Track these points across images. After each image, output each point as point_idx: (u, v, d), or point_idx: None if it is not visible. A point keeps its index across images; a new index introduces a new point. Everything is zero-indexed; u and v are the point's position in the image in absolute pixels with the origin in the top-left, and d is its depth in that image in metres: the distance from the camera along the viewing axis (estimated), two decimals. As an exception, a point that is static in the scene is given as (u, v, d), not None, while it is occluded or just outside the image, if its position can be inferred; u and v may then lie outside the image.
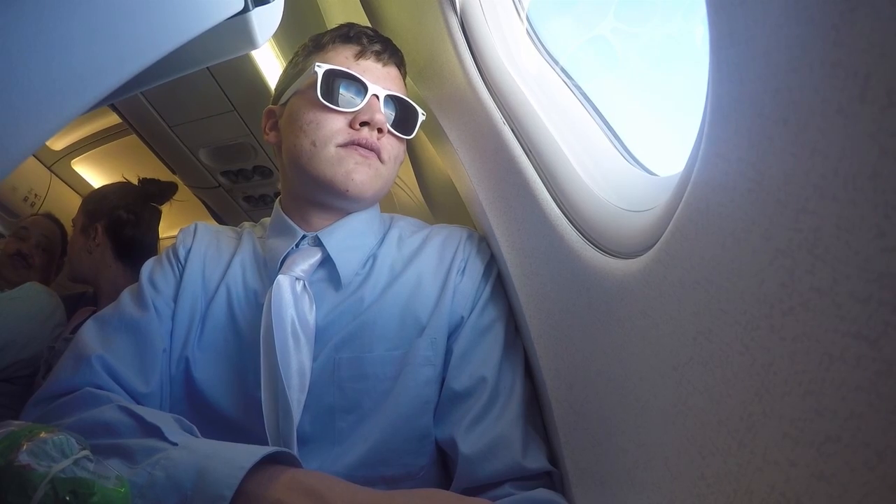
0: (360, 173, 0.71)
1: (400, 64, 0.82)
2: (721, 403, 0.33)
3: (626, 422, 0.46)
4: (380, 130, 0.73)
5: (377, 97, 0.73)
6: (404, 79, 0.83)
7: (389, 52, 0.79)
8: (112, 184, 1.57)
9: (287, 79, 0.81)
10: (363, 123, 0.72)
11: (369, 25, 0.82)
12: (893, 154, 0.21)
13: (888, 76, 0.21)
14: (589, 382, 0.54)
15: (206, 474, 0.46)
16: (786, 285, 0.27)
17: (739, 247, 0.31)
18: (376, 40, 0.78)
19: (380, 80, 0.75)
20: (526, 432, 0.63)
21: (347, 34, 0.78)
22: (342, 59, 0.75)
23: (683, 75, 0.62)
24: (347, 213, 0.77)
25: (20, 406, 0.63)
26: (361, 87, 0.73)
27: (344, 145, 0.71)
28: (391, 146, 0.75)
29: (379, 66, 0.77)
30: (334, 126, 0.72)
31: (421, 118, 0.80)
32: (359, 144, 0.71)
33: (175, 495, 0.46)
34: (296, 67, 0.80)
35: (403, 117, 0.78)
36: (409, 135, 0.79)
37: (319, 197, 0.75)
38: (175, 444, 0.51)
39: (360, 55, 0.76)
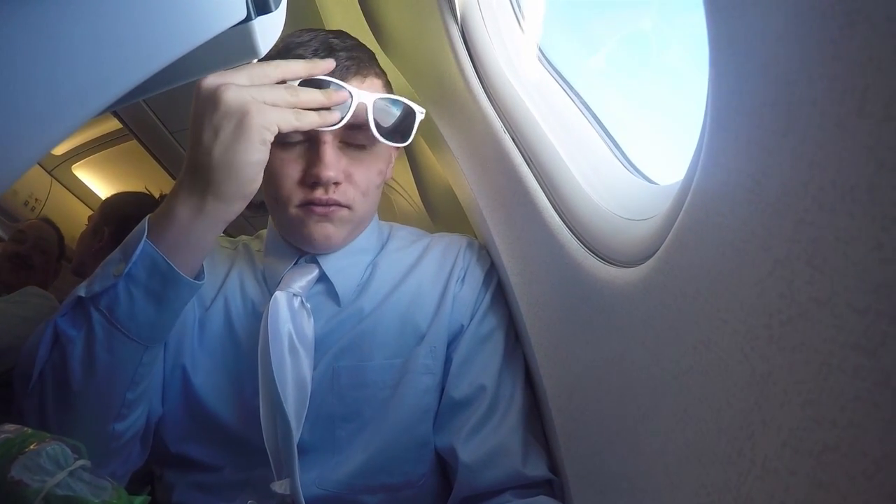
0: (321, 230, 0.66)
1: (368, 74, 0.68)
2: (721, 412, 0.33)
3: (627, 430, 0.46)
4: (336, 182, 0.64)
5: (325, 141, 0.63)
6: (387, 87, 0.73)
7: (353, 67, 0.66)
8: (133, 192, 1.58)
9: None
10: (314, 183, 0.64)
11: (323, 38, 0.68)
12: (891, 167, 0.21)
13: (886, 90, 0.21)
14: (589, 391, 0.54)
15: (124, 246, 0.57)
16: (784, 295, 0.27)
17: (739, 257, 0.31)
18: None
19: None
20: (526, 440, 0.63)
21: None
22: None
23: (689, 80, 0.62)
24: None
25: (16, 410, 0.62)
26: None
27: (301, 206, 0.65)
28: (354, 186, 0.66)
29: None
30: (288, 183, 0.65)
31: (396, 146, 0.70)
32: (314, 203, 0.64)
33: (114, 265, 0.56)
34: None
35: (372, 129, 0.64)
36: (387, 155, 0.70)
37: (297, 243, 0.71)
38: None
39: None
